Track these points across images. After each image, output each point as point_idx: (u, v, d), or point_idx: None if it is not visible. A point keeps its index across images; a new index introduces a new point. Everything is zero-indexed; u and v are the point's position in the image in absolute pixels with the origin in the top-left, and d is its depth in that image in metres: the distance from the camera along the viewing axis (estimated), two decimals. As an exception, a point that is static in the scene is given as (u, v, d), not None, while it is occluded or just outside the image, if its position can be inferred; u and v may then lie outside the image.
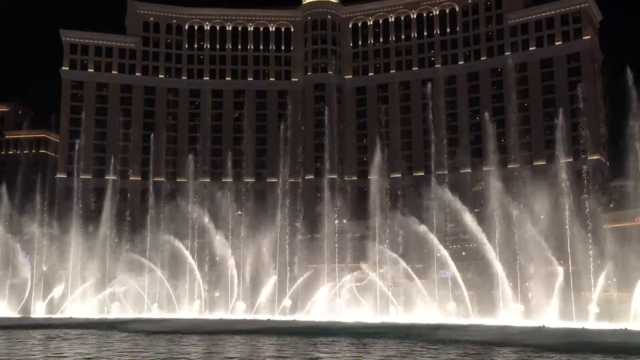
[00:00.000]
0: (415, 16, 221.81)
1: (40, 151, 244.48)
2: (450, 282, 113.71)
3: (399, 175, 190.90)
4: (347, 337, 74.43)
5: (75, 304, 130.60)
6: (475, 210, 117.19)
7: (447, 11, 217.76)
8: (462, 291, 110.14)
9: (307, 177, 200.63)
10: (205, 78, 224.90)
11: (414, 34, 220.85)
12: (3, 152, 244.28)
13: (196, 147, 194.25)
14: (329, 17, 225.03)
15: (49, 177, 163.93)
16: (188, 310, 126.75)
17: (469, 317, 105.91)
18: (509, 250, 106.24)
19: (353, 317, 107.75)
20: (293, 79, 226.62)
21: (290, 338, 73.45)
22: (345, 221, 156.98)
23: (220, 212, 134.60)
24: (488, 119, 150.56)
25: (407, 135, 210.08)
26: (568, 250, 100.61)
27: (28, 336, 76.64)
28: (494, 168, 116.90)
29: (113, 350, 59.94)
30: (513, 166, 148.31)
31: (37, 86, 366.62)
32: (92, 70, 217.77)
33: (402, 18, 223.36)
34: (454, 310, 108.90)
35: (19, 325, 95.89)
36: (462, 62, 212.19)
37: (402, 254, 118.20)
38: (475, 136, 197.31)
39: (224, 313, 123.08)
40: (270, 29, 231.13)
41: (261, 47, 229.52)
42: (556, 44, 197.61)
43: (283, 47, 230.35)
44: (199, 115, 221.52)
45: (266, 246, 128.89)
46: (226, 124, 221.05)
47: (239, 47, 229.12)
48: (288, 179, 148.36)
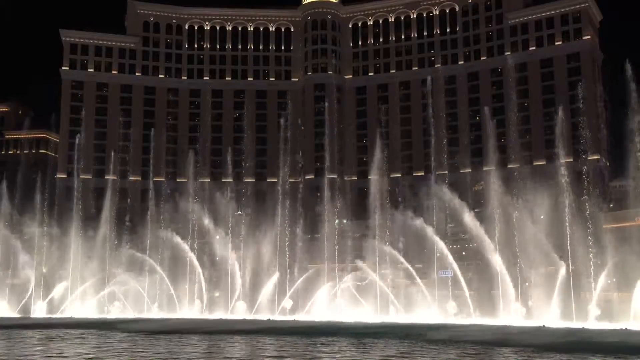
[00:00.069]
0: (415, 16, 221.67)
1: (40, 151, 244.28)
2: (451, 282, 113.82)
3: (399, 175, 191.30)
4: (347, 337, 74.49)
5: (75, 304, 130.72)
6: (475, 210, 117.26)
7: (447, 11, 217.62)
8: (463, 291, 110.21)
9: (307, 177, 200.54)
10: (205, 78, 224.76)
11: (414, 34, 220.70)
12: (3, 152, 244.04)
13: (196, 147, 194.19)
14: (329, 17, 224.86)
15: (49, 177, 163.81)
16: (188, 310, 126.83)
17: (469, 317, 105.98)
18: (509, 250, 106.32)
19: (353, 317, 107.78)
20: (293, 79, 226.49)
21: (290, 338, 73.47)
22: (345, 221, 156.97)
23: (220, 212, 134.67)
24: (488, 118, 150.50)
25: (407, 135, 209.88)
26: (568, 250, 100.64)
27: (28, 336, 76.61)
28: (494, 168, 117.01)
29: (113, 350, 59.93)
30: (513, 166, 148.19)
31: (37, 86, 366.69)
32: (92, 70, 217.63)
33: (402, 18, 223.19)
34: (454, 310, 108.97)
35: (19, 325, 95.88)
36: (462, 62, 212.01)
37: (402, 254, 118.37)
38: (475, 136, 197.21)
39: (224, 313, 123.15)
40: (270, 29, 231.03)
41: (261, 47, 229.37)
42: (556, 43, 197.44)
43: (283, 47, 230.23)
44: (199, 115, 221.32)
45: (266, 246, 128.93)
46: (226, 123, 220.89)
47: (239, 47, 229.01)
48: (288, 179, 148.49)
